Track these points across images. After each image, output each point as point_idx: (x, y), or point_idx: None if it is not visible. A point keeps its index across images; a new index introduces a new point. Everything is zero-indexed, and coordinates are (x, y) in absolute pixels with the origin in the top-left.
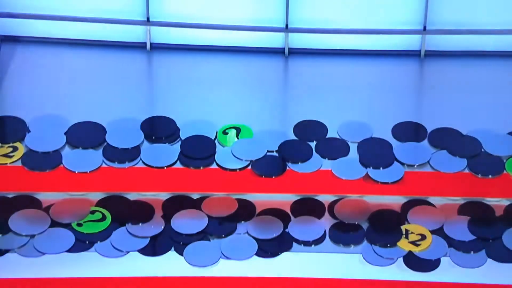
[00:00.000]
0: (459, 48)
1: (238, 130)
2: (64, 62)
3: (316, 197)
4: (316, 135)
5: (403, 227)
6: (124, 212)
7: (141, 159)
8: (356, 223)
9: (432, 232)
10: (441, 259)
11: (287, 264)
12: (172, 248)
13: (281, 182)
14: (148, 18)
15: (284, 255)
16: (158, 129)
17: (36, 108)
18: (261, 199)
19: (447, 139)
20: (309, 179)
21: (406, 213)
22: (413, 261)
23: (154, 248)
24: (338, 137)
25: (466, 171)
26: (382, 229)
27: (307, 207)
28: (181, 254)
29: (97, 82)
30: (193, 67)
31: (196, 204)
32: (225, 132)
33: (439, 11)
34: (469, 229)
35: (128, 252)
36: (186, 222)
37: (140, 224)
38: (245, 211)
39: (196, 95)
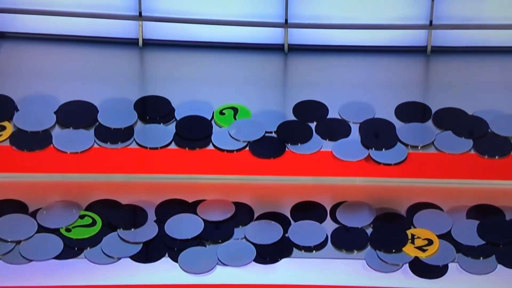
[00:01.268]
0: (467, 44)
1: (235, 110)
2: (52, 58)
3: (318, 201)
4: (316, 116)
5: (408, 232)
6: (115, 216)
7: (134, 139)
8: (360, 227)
9: (440, 236)
10: (449, 265)
11: (287, 271)
12: (166, 255)
13: (280, 164)
14: (140, 13)
15: (284, 261)
16: (152, 109)
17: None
18: (259, 181)
19: (453, 119)
20: (308, 161)
21: (412, 217)
22: (419, 268)
23: (147, 254)
24: (339, 117)
25: (472, 152)
26: (387, 233)
27: (308, 211)
28: (176, 260)
29: (86, 80)
30: (188, 64)
31: (191, 208)
32: (222, 113)
33: (446, 5)
34: (478, 234)
35: (119, 258)
36: (181, 227)
37: (132, 229)
38: (243, 215)
39: (190, 94)
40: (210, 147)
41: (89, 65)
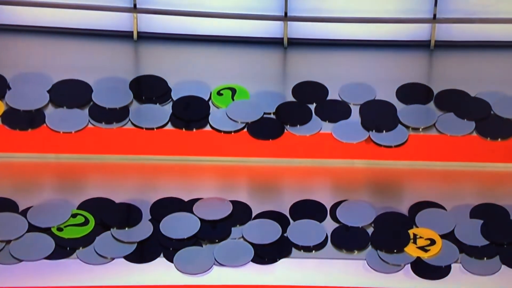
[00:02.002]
0: (472, 39)
1: (233, 91)
2: (42, 51)
3: (317, 199)
4: (316, 97)
5: (410, 231)
6: (108, 215)
7: (129, 119)
8: (360, 226)
9: (442, 236)
10: (452, 265)
11: (285, 271)
12: (161, 255)
13: (278, 146)
14: (135, 5)
15: (283, 262)
16: (148, 88)
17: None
18: (257, 163)
19: (455, 101)
20: (308, 142)
21: (414, 216)
22: (421, 268)
23: (141, 254)
24: (339, 99)
25: (474, 134)
26: (388, 233)
27: (307, 210)
28: (171, 260)
29: (78, 74)
30: (184, 59)
31: (187, 207)
32: (219, 93)
33: None
34: (482, 234)
35: (113, 258)
36: (177, 226)
37: (126, 228)
38: (241, 213)
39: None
40: (208, 128)
41: (81, 58)
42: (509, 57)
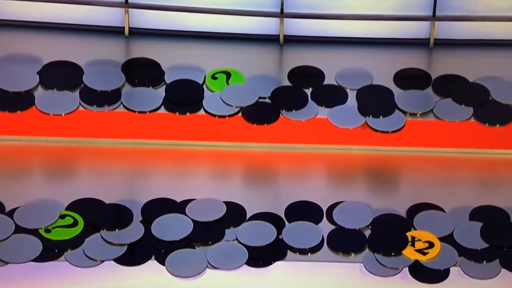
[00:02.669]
0: (472, 37)
1: (228, 75)
2: (30, 46)
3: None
4: (312, 82)
5: (408, 234)
6: (98, 216)
7: (121, 102)
8: (357, 228)
9: (441, 239)
10: (451, 269)
11: (280, 274)
12: (153, 257)
13: (273, 130)
14: (126, 0)
15: (278, 264)
16: (141, 71)
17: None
18: (251, 148)
19: (453, 87)
20: (303, 127)
21: (412, 218)
22: (419, 271)
23: (132, 256)
24: (335, 83)
25: (472, 120)
26: (386, 235)
27: (303, 211)
28: (163, 263)
29: None
30: (177, 56)
31: (179, 208)
32: (214, 77)
33: None
34: (482, 236)
35: (102, 261)
36: (169, 228)
37: (117, 230)
38: (235, 215)
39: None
40: (201, 112)
41: (71, 54)
42: (510, 56)
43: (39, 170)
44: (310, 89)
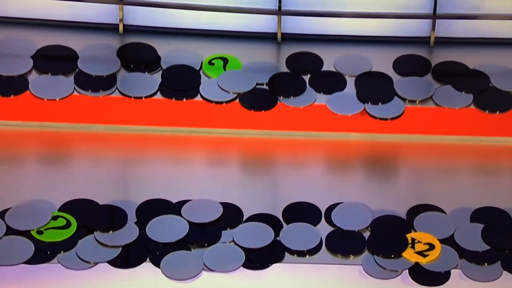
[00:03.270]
0: (474, 35)
1: (225, 60)
2: (20, 43)
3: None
4: (310, 68)
5: (408, 236)
6: (91, 217)
7: (117, 88)
8: (356, 230)
9: (442, 241)
10: (452, 271)
11: (278, 277)
12: (148, 259)
13: (271, 117)
14: None
15: (275, 267)
16: (137, 56)
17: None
18: (248, 135)
19: (453, 73)
20: (301, 114)
21: (413, 220)
22: (420, 274)
23: (126, 259)
24: (334, 70)
25: (472, 107)
26: (385, 237)
27: (301, 212)
28: (158, 265)
29: None
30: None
31: (175, 209)
32: (211, 63)
33: None
34: (483, 238)
35: (96, 263)
36: (164, 229)
37: (111, 231)
38: (231, 216)
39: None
40: (198, 98)
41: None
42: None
43: (32, 156)
44: (308, 75)
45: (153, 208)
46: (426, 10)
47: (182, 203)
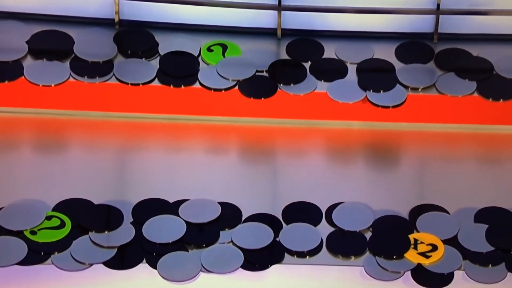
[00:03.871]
0: (477, 31)
1: (224, 47)
2: (15, 38)
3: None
4: (311, 55)
5: (411, 236)
6: (86, 217)
7: (114, 74)
8: (358, 230)
9: (445, 242)
10: (455, 272)
11: (277, 278)
12: (144, 260)
13: (270, 105)
14: None
15: (274, 268)
16: (134, 42)
17: None
18: (247, 123)
19: (456, 60)
20: (301, 102)
21: (415, 220)
22: (422, 275)
23: (122, 260)
24: (335, 57)
25: (475, 95)
26: (387, 238)
27: (301, 212)
28: (155, 267)
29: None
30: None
31: (172, 208)
32: (210, 49)
33: None
34: (487, 239)
35: (91, 264)
36: (161, 229)
37: (106, 231)
38: (230, 216)
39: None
40: (197, 85)
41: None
42: None
43: (28, 142)
44: (309, 62)
45: (150, 208)
46: (430, 5)
47: (180, 202)
